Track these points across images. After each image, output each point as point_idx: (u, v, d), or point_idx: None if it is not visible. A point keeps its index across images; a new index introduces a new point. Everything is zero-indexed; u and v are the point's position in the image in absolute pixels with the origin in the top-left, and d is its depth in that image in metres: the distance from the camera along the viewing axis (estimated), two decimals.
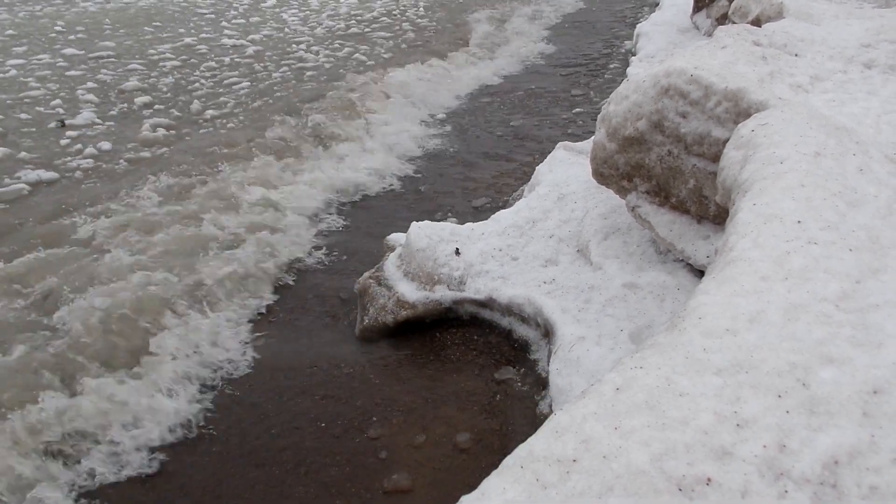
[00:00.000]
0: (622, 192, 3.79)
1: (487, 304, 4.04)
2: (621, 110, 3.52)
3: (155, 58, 10.61)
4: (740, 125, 2.85)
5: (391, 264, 4.39)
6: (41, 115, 7.94)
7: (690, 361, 1.59)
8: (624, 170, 3.66)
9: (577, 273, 3.91)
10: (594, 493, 1.30)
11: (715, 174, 3.10)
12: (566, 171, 4.93)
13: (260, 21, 13.75)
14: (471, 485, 1.42)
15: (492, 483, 1.38)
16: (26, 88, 8.87)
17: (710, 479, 1.31)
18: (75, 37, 11.91)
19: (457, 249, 4.23)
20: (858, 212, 2.13)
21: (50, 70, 9.78)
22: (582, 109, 8.74)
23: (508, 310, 3.96)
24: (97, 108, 8.27)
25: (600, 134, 3.68)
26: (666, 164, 3.45)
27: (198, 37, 12.15)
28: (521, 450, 1.45)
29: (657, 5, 13.29)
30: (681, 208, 3.52)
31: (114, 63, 10.29)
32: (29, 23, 12.85)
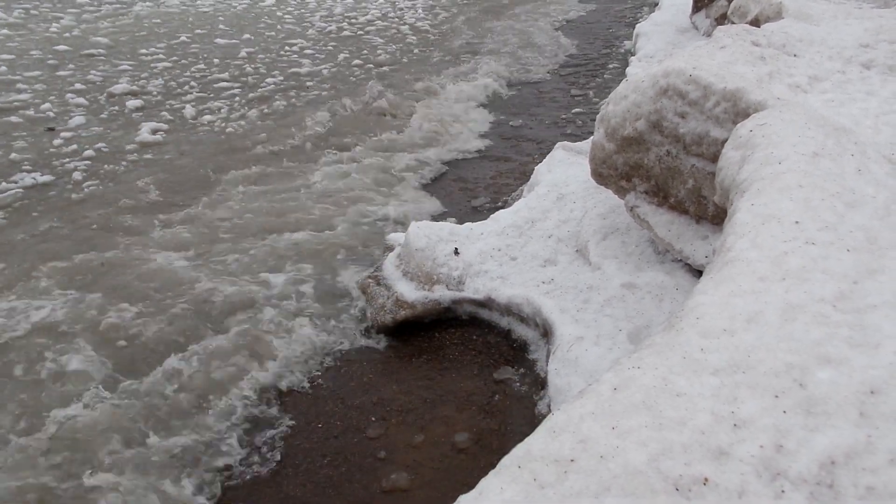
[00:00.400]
0: (621, 192, 3.79)
1: (486, 303, 4.04)
2: (620, 110, 3.52)
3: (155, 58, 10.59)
4: (739, 125, 2.85)
5: (390, 264, 4.39)
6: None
7: (688, 362, 1.59)
8: (623, 170, 3.66)
9: (576, 273, 3.92)
10: (591, 492, 1.30)
11: (713, 174, 3.10)
12: (565, 172, 4.94)
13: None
14: (469, 484, 1.42)
15: (489, 483, 1.38)
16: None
17: (707, 480, 1.31)
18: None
19: (456, 249, 4.23)
20: (856, 212, 2.13)
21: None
22: (581, 109, 8.74)
23: (507, 310, 3.96)
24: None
25: (599, 134, 3.69)
26: (665, 165, 3.45)
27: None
28: (519, 449, 1.45)
29: (656, 5, 13.29)
30: (679, 208, 3.52)
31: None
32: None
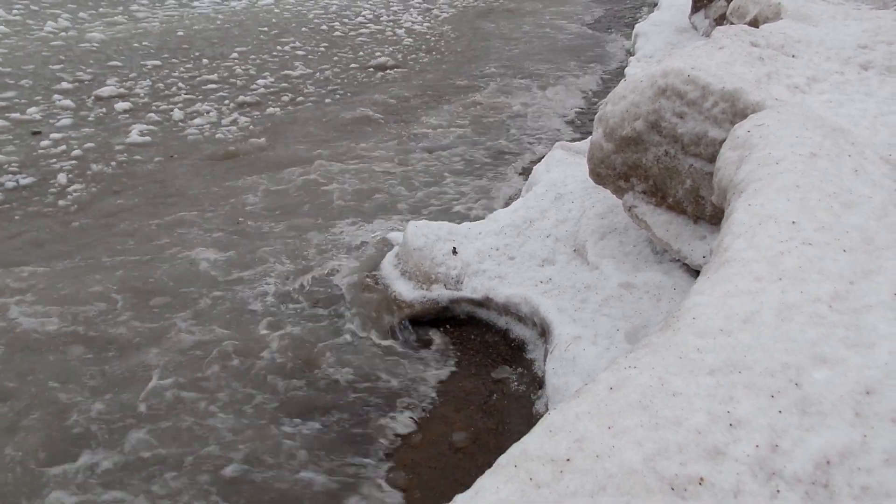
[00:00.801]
0: (619, 192, 3.80)
1: (484, 303, 4.04)
2: (618, 110, 3.52)
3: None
4: (737, 126, 2.86)
5: (388, 263, 4.40)
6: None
7: (684, 361, 1.60)
8: (621, 170, 3.66)
9: (574, 273, 3.92)
10: (587, 492, 1.31)
11: (711, 174, 3.11)
12: (564, 171, 4.94)
13: None
14: (466, 484, 1.42)
15: (486, 482, 1.39)
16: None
17: (702, 479, 1.32)
18: None
19: (454, 248, 4.24)
20: (853, 213, 2.14)
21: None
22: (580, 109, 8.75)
23: (505, 309, 3.97)
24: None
25: (598, 134, 3.69)
26: (663, 165, 3.46)
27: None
28: (515, 449, 1.45)
29: (656, 5, 13.30)
30: (677, 208, 3.53)
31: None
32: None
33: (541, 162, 5.32)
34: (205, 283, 4.62)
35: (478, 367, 3.75)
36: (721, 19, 7.98)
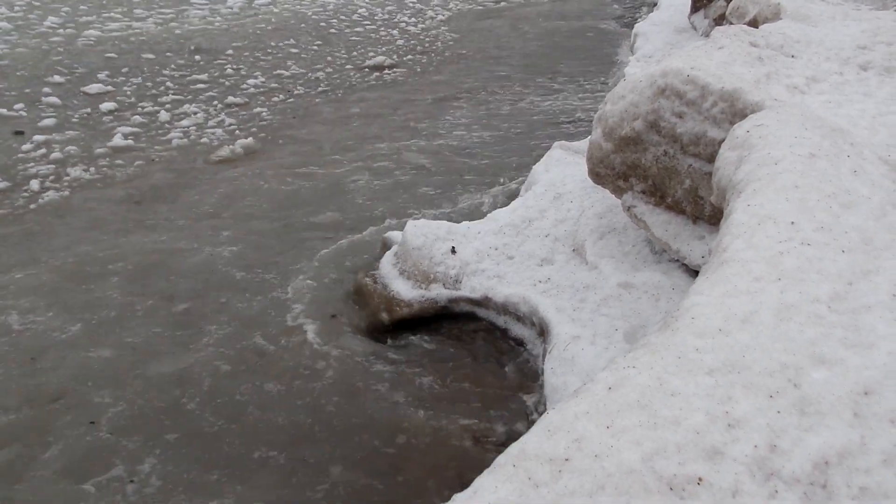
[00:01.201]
0: (618, 191, 3.80)
1: (483, 302, 4.04)
2: (618, 110, 3.52)
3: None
4: (736, 126, 2.86)
5: (387, 262, 4.39)
6: None
7: (683, 361, 1.60)
8: (620, 169, 3.66)
9: (573, 272, 3.92)
10: (585, 491, 1.31)
11: (710, 174, 3.10)
12: (562, 171, 4.94)
13: None
14: (468, 482, 1.42)
15: (484, 481, 1.38)
16: None
17: (701, 479, 1.31)
18: None
19: (453, 248, 4.23)
20: (852, 213, 2.14)
21: None
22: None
23: (504, 308, 3.97)
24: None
25: (597, 134, 3.69)
26: (662, 165, 3.46)
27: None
28: (514, 448, 1.45)
29: (655, 5, 13.29)
30: (676, 208, 3.53)
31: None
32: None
33: (540, 161, 5.31)
34: (208, 285, 4.62)
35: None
36: (720, 19, 7.97)
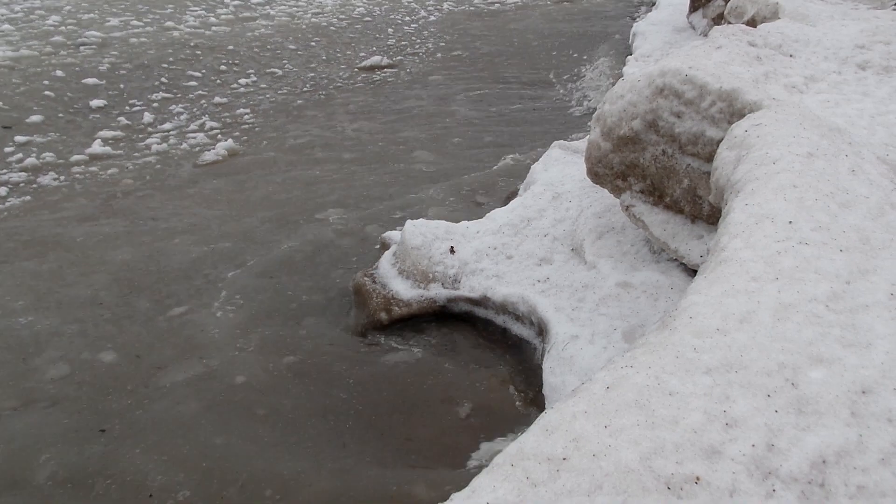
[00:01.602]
0: (616, 191, 3.80)
1: (482, 302, 4.04)
2: (616, 110, 3.52)
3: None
4: (734, 125, 2.86)
5: (386, 262, 4.39)
6: None
7: (681, 361, 1.60)
8: (618, 169, 3.67)
9: (571, 272, 3.92)
10: (583, 491, 1.31)
11: (709, 174, 3.11)
12: (561, 170, 4.94)
13: None
14: (463, 483, 1.42)
15: (482, 481, 1.38)
16: None
17: (698, 478, 1.32)
18: None
19: (451, 248, 4.23)
20: (850, 213, 2.14)
21: None
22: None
23: (503, 308, 3.97)
24: None
25: (595, 133, 3.69)
26: (660, 164, 3.46)
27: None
28: (512, 447, 1.45)
29: (654, 5, 13.30)
30: (675, 208, 3.53)
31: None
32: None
33: (538, 161, 5.31)
34: (196, 283, 4.62)
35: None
36: (719, 19, 7.98)
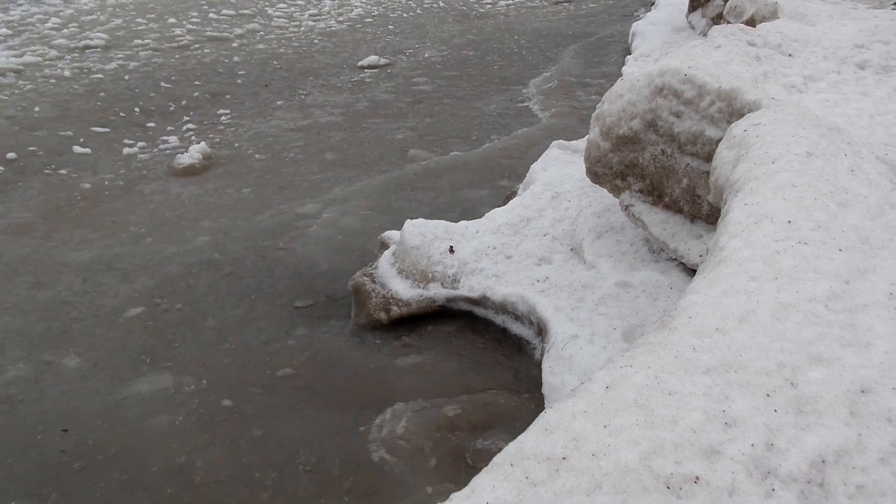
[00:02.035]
0: (616, 190, 3.80)
1: (481, 302, 4.04)
2: (615, 109, 3.53)
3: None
4: (733, 125, 2.86)
5: (385, 262, 4.39)
6: None
7: (680, 361, 1.60)
8: (618, 169, 3.67)
9: (571, 271, 3.92)
10: (583, 490, 1.31)
11: (708, 174, 3.11)
12: (560, 170, 4.94)
13: None
14: (462, 482, 1.42)
15: (482, 480, 1.38)
16: None
17: (697, 478, 1.32)
18: None
19: (451, 247, 4.23)
20: (849, 212, 2.14)
21: None
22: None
23: (502, 308, 3.97)
24: None
25: (594, 133, 3.69)
26: (659, 164, 3.46)
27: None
28: (512, 447, 1.45)
29: (653, 4, 13.32)
30: (674, 207, 3.53)
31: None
32: None
33: (538, 161, 5.31)
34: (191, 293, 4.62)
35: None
36: (718, 18, 7.98)
